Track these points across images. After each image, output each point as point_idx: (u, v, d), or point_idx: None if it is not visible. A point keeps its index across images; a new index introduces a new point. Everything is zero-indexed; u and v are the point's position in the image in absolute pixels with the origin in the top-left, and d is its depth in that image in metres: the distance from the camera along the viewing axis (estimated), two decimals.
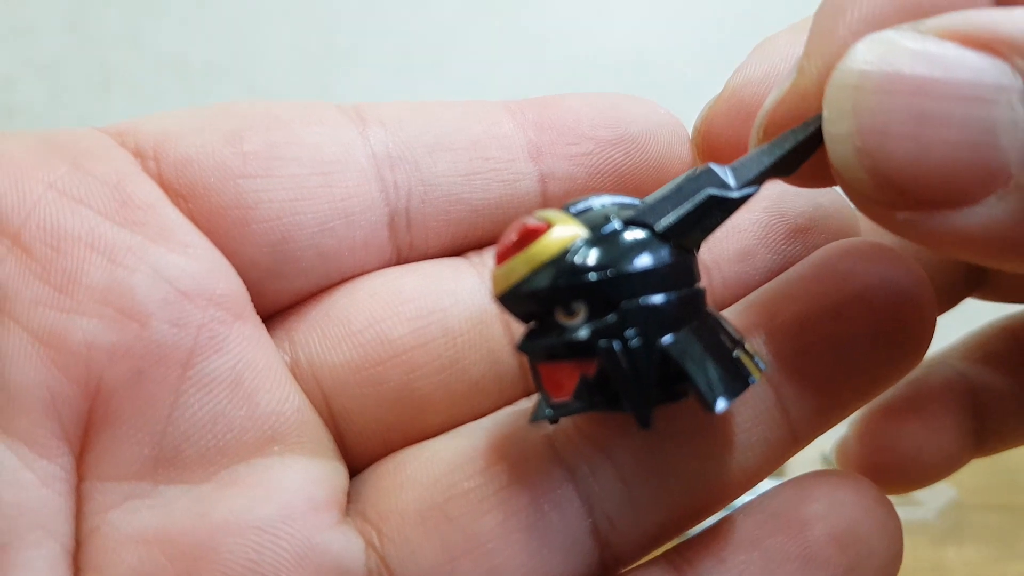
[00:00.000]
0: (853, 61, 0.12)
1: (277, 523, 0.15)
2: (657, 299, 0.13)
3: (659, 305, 0.13)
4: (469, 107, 0.18)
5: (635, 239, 0.13)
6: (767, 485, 0.16)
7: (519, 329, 0.15)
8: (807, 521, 0.15)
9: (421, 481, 0.16)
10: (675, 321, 0.13)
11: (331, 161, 0.16)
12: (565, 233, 0.13)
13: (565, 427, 0.16)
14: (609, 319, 0.13)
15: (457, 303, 0.17)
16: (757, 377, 0.14)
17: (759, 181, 0.14)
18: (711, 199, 0.13)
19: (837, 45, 0.13)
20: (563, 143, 0.17)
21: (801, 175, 0.14)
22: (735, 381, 0.13)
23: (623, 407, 0.13)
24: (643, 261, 0.13)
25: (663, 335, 0.13)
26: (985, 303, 0.23)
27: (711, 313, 0.14)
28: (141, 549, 0.14)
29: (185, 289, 0.15)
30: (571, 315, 0.13)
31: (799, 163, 0.14)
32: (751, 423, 0.16)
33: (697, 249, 0.14)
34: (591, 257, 0.13)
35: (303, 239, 0.16)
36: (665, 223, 0.13)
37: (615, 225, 0.13)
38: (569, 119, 0.17)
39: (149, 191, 0.16)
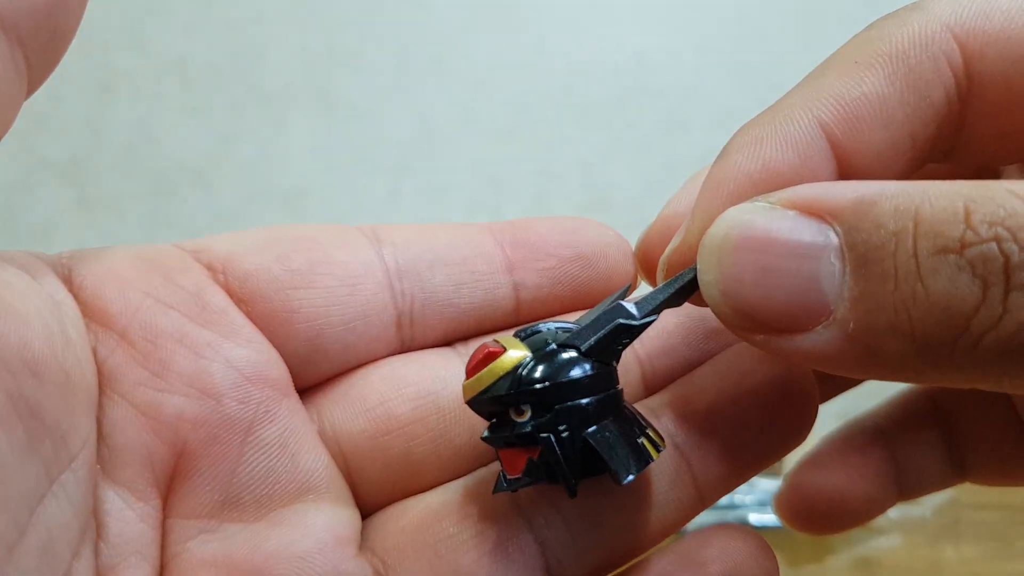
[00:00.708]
0: (718, 226, 0.16)
1: (313, 554, 0.19)
2: (582, 402, 0.18)
3: (583, 406, 0.17)
4: (460, 229, 0.22)
5: (566, 357, 0.18)
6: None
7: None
8: (705, 562, 0.19)
9: (417, 526, 0.20)
10: (595, 417, 0.18)
11: (356, 275, 0.20)
12: (515, 355, 0.18)
13: (527, 489, 0.19)
14: (547, 417, 0.17)
15: (447, 387, 0.21)
16: (655, 457, 0.18)
17: (657, 311, 0.18)
18: (620, 326, 0.18)
19: (712, 213, 0.17)
20: (532, 259, 0.21)
21: (694, 300, 0.18)
22: (639, 460, 0.18)
23: (558, 481, 0.18)
24: (571, 374, 0.18)
25: (586, 428, 0.17)
26: None
27: (626, 407, 0.19)
28: (212, 571, 0.18)
29: (249, 375, 0.19)
30: (520, 414, 0.18)
31: (684, 299, 0.18)
32: (668, 487, 0.20)
33: (617, 361, 0.18)
34: (535, 372, 0.18)
35: (332, 335, 0.20)
36: (587, 345, 0.18)
37: (552, 347, 0.18)
38: (538, 240, 0.21)
39: (221, 299, 0.20)
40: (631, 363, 0.21)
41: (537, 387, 0.17)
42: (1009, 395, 0.23)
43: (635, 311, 0.18)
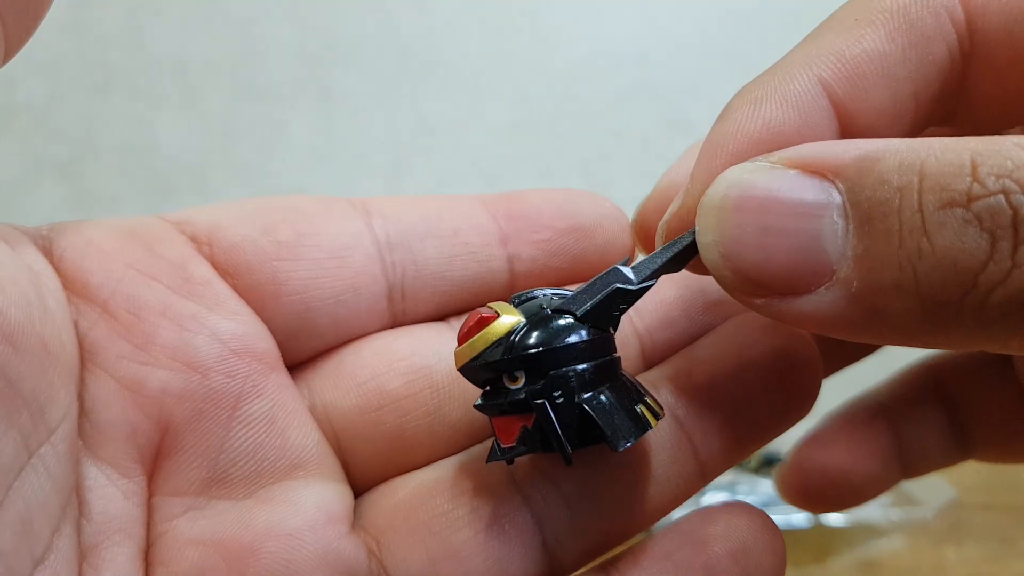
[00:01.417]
0: (717, 186, 0.16)
1: (304, 531, 0.18)
2: (578, 367, 0.17)
3: (579, 372, 0.17)
4: (452, 202, 0.21)
5: (561, 323, 0.17)
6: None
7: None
8: (709, 540, 0.18)
9: (410, 503, 0.19)
10: (591, 383, 0.17)
11: (344, 247, 0.20)
12: (509, 320, 0.17)
13: (523, 464, 0.19)
14: (542, 383, 0.17)
15: (440, 361, 0.20)
16: (654, 425, 0.17)
17: (655, 276, 0.17)
18: (616, 291, 0.17)
19: (711, 175, 0.16)
20: (527, 231, 0.21)
21: (693, 267, 0.18)
22: (637, 427, 0.17)
23: (553, 449, 0.17)
24: (566, 339, 0.17)
25: (582, 394, 0.17)
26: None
27: (623, 376, 0.18)
28: (200, 549, 0.18)
29: (235, 348, 0.19)
30: (514, 381, 0.17)
31: (683, 264, 0.17)
32: (668, 462, 0.19)
33: (615, 328, 0.18)
34: (529, 337, 0.17)
35: (321, 308, 0.20)
36: (583, 310, 0.17)
37: (546, 312, 0.17)
38: (532, 212, 0.21)
39: (205, 270, 0.19)
40: (630, 336, 0.21)
41: (531, 352, 0.17)
42: (1013, 371, 0.23)
43: (632, 276, 0.17)
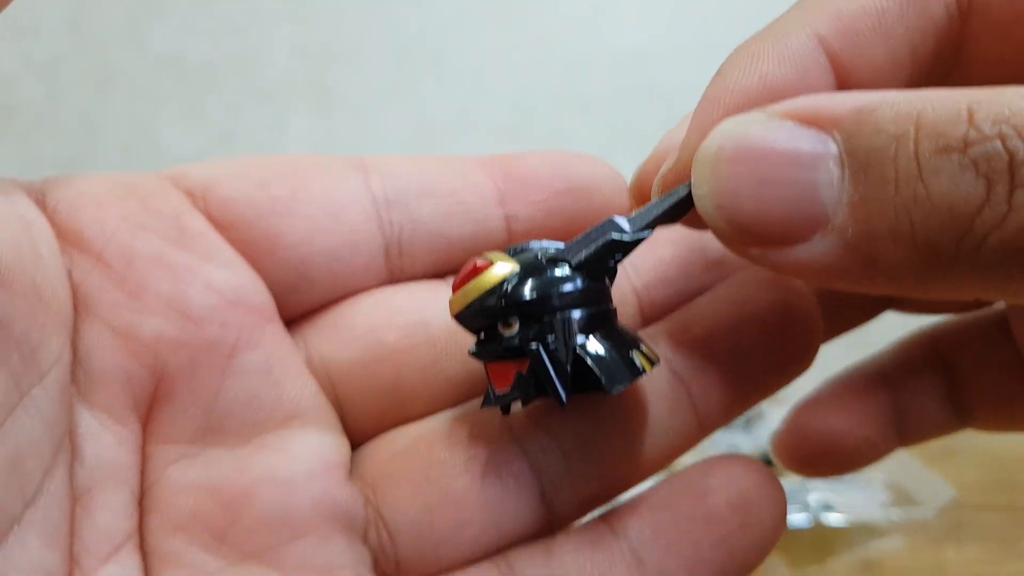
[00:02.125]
0: (712, 138, 0.16)
1: (300, 478, 0.18)
2: (572, 314, 0.17)
3: (573, 318, 0.17)
4: (450, 161, 0.21)
5: (555, 271, 0.17)
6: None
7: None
8: (708, 490, 0.18)
9: (407, 453, 0.19)
10: (586, 329, 0.17)
11: (340, 203, 0.20)
12: (503, 268, 0.17)
13: (520, 415, 0.19)
14: (535, 329, 0.17)
15: (437, 316, 0.20)
16: (649, 369, 0.17)
17: (650, 227, 0.18)
18: (611, 241, 0.17)
19: (708, 128, 0.16)
20: (525, 191, 0.21)
21: (689, 221, 0.18)
22: (630, 372, 0.17)
23: (548, 394, 0.17)
24: (560, 286, 0.17)
25: (576, 339, 0.17)
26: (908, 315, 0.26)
27: (618, 326, 0.18)
28: (194, 495, 0.18)
29: (230, 298, 0.19)
30: (508, 327, 0.17)
31: (679, 216, 0.18)
32: (667, 414, 0.19)
33: (611, 280, 0.18)
34: (523, 284, 0.17)
35: (318, 263, 0.20)
36: (577, 259, 0.17)
37: (541, 262, 0.18)
38: (530, 172, 0.21)
39: (200, 223, 0.19)
40: (628, 294, 0.21)
41: (524, 298, 0.17)
42: (1013, 341, 0.23)
43: (627, 226, 0.18)
